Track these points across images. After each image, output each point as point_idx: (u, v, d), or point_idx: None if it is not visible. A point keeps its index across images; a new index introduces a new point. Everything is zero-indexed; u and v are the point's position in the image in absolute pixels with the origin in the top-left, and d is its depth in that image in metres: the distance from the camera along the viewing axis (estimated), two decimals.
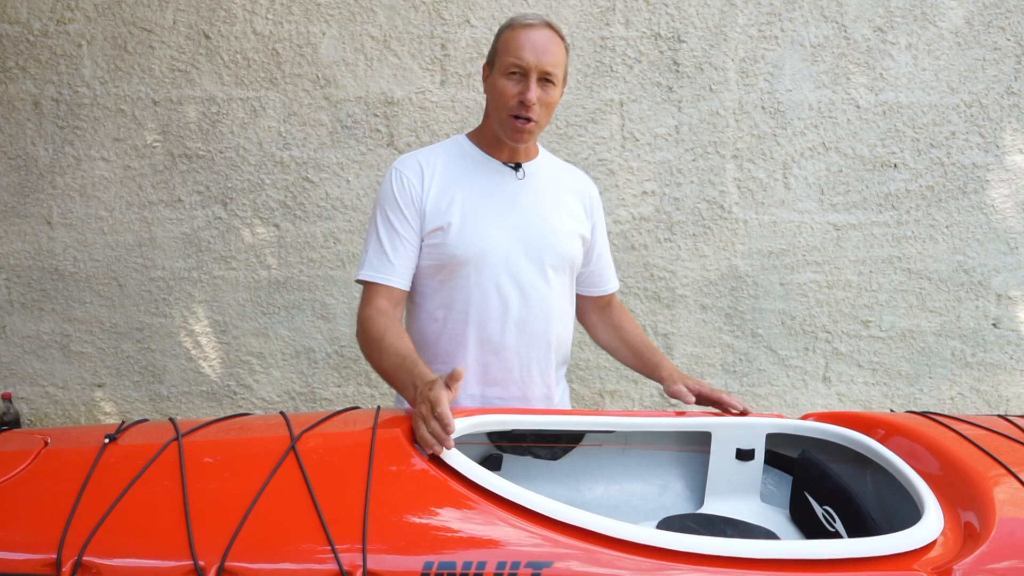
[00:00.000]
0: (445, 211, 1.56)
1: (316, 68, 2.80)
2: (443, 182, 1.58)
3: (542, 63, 1.50)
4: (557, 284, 1.64)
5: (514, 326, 1.60)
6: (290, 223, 2.89)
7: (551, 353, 1.66)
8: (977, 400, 3.09)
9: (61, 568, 1.02)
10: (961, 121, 2.91)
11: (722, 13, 2.82)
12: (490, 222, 1.57)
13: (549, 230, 1.61)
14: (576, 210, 1.69)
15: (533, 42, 1.50)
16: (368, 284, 1.58)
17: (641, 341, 1.81)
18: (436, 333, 1.63)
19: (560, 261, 1.64)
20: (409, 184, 1.57)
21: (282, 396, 3.01)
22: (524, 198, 1.61)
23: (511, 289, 1.58)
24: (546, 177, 1.67)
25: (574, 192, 1.71)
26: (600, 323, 1.86)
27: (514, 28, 1.52)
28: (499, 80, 1.53)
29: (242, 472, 1.19)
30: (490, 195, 1.59)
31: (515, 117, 1.53)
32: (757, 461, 1.55)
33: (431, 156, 1.62)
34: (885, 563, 1.09)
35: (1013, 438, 1.39)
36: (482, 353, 1.61)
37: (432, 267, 1.60)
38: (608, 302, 1.87)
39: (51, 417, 2.99)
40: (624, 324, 1.84)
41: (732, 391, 3.05)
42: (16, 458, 1.22)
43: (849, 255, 2.98)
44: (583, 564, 1.06)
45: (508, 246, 1.58)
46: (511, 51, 1.51)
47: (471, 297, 1.58)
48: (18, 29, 2.75)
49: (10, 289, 2.91)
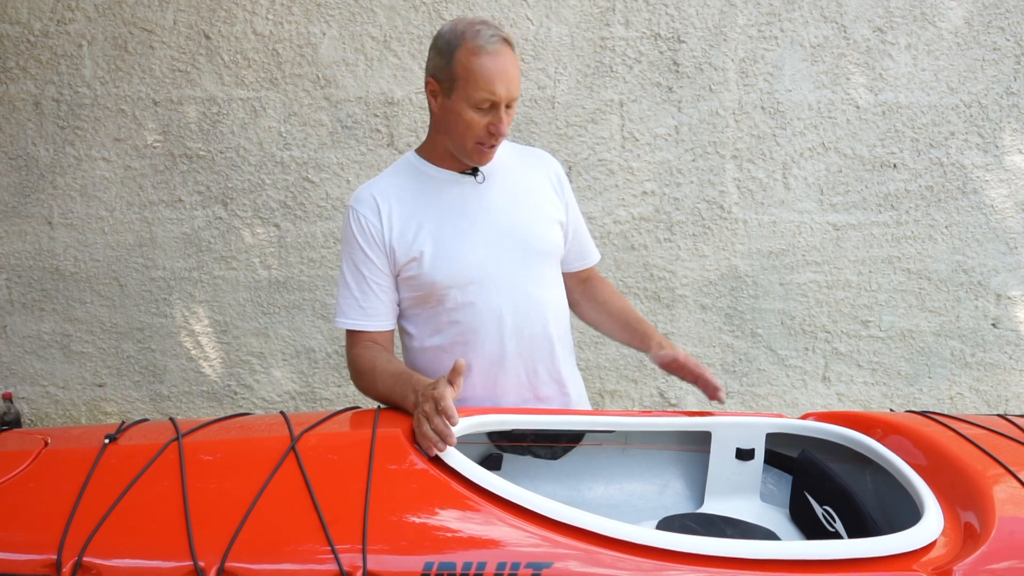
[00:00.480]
0: (413, 242, 1.50)
1: (316, 68, 2.80)
2: (403, 212, 1.52)
3: (512, 92, 1.44)
4: (545, 279, 1.61)
5: (512, 335, 1.55)
6: (290, 223, 2.89)
7: (555, 349, 1.62)
8: (977, 400, 3.09)
9: (61, 568, 1.02)
10: (960, 121, 2.91)
11: (722, 13, 2.82)
12: (462, 240, 1.51)
13: (524, 228, 1.56)
14: (546, 195, 1.63)
15: (502, 71, 1.41)
16: (347, 332, 1.55)
17: (628, 312, 1.75)
18: (435, 362, 1.57)
19: (543, 256, 1.59)
20: (368, 223, 1.51)
21: (282, 396, 3.01)
22: (489, 203, 1.55)
23: (500, 301, 1.53)
24: (507, 172, 1.59)
25: (539, 177, 1.64)
26: (583, 299, 1.80)
27: (477, 54, 1.40)
28: (465, 112, 1.44)
29: (242, 472, 1.19)
30: (454, 212, 1.53)
31: (480, 143, 1.47)
32: (757, 461, 1.55)
33: (385, 186, 1.55)
34: (885, 563, 1.09)
35: (1013, 438, 1.39)
36: (486, 369, 1.57)
37: (415, 298, 1.55)
38: (588, 275, 1.81)
39: (51, 417, 2.99)
40: (608, 297, 1.78)
41: (732, 391, 3.05)
42: (16, 458, 1.23)
43: (849, 255, 2.98)
44: (583, 564, 1.06)
45: (486, 259, 1.52)
46: (481, 84, 1.41)
47: (462, 319, 1.53)
48: (19, 29, 2.75)
49: (11, 289, 2.91)
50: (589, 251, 1.79)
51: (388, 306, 1.55)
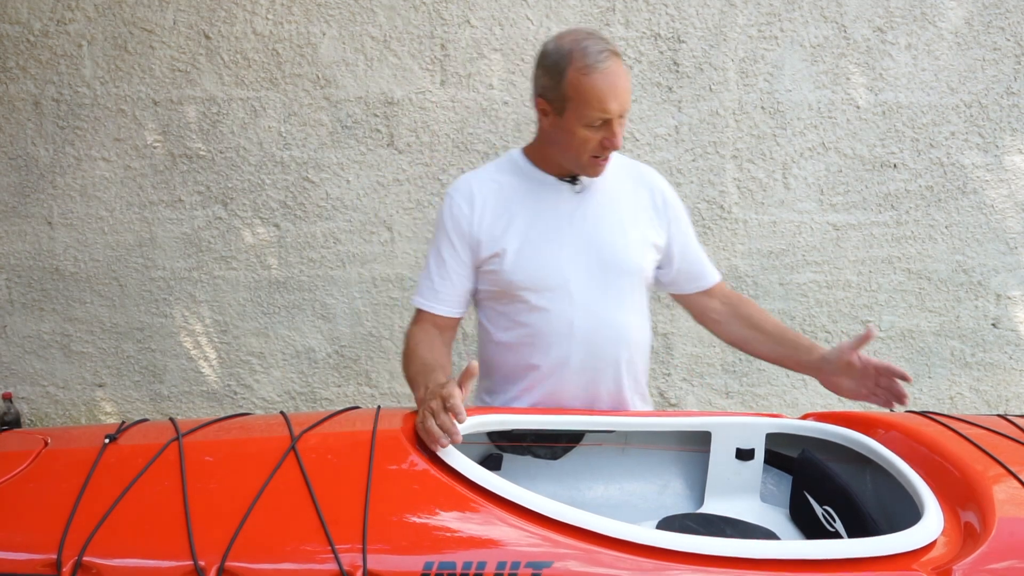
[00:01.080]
0: (500, 237, 1.53)
1: (316, 68, 2.80)
2: (497, 206, 1.54)
3: (624, 106, 1.42)
4: (625, 300, 1.58)
5: (578, 349, 1.55)
6: (290, 223, 2.89)
7: (620, 373, 1.59)
8: (977, 400, 3.10)
9: (61, 569, 1.02)
10: (960, 121, 2.91)
11: (722, 13, 2.82)
12: (547, 245, 1.52)
13: (611, 245, 1.55)
14: (644, 216, 1.60)
15: (613, 87, 1.39)
16: (417, 308, 1.59)
17: (783, 327, 1.66)
18: (502, 356, 1.61)
19: (625, 276, 1.57)
20: (460, 213, 1.54)
21: (282, 396, 3.01)
22: (583, 214, 1.55)
23: (573, 313, 1.53)
24: (607, 186, 1.58)
25: (641, 194, 1.62)
26: (725, 318, 1.71)
27: (588, 74, 1.38)
28: (578, 131, 1.43)
29: (242, 472, 1.19)
30: (546, 216, 1.54)
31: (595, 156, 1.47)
32: (757, 461, 1.55)
33: (485, 179, 1.58)
34: (885, 563, 1.09)
35: (1013, 438, 1.38)
36: (548, 375, 1.57)
37: (493, 293, 1.57)
38: (718, 294, 1.73)
39: (51, 417, 2.99)
40: (753, 312, 1.69)
41: (732, 391, 3.06)
42: (16, 458, 1.23)
43: (849, 255, 2.98)
44: (583, 564, 1.06)
45: (566, 268, 1.53)
46: (593, 104, 1.39)
47: (533, 322, 1.54)
48: (18, 29, 2.75)
49: (11, 289, 2.91)
50: (703, 273, 1.72)
51: (460, 295, 1.58)
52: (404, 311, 2.94)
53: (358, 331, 2.96)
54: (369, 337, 2.96)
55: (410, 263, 2.92)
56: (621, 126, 1.45)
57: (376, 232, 2.90)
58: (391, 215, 2.89)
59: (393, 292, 2.94)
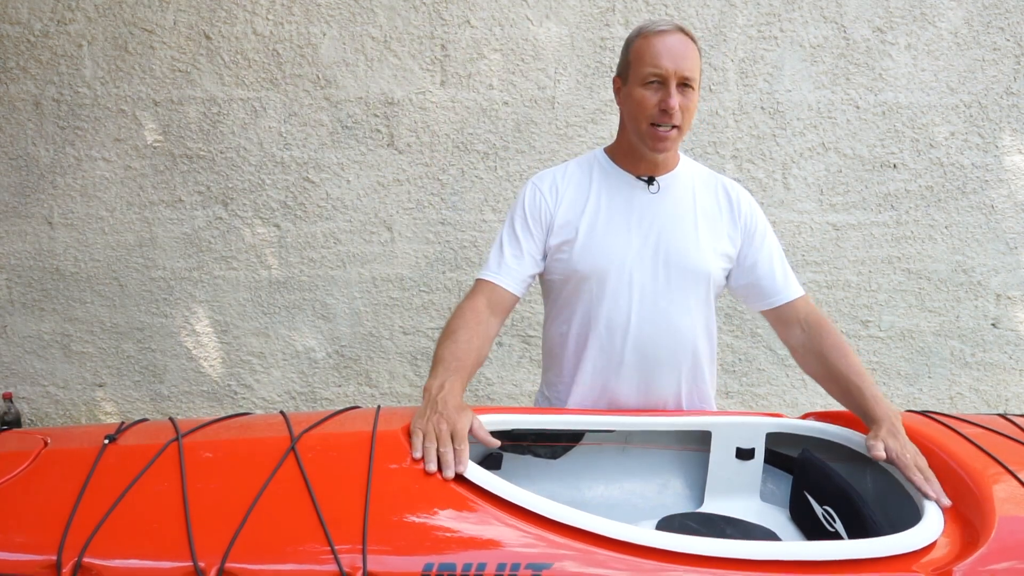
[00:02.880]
0: (572, 224, 1.57)
1: (316, 68, 2.80)
2: (575, 197, 1.59)
3: (681, 68, 1.45)
4: (688, 305, 1.57)
5: (633, 348, 1.56)
6: (290, 223, 2.89)
7: (679, 378, 1.60)
8: (976, 400, 3.09)
9: (61, 570, 1.02)
10: (960, 121, 2.91)
11: (721, 13, 2.82)
12: (614, 238, 1.55)
13: (679, 247, 1.55)
14: (718, 224, 1.60)
15: (670, 48, 1.45)
16: (477, 280, 1.59)
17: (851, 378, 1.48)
18: (561, 344, 1.64)
19: (689, 280, 1.56)
20: (542, 198, 1.59)
21: (282, 396, 3.01)
22: (654, 214, 1.57)
23: (631, 310, 1.55)
24: (684, 190, 1.60)
25: (718, 206, 1.62)
26: (799, 349, 1.61)
27: (646, 36, 1.48)
28: (636, 91, 1.49)
29: (242, 472, 1.19)
30: (618, 210, 1.57)
31: (655, 125, 1.49)
32: (757, 460, 1.55)
33: (566, 172, 1.63)
34: (885, 564, 1.09)
35: (1013, 438, 1.39)
36: (601, 370, 1.59)
37: (559, 280, 1.61)
38: (798, 319, 1.61)
39: (51, 417, 2.99)
40: (827, 352, 1.53)
41: (732, 391, 3.05)
42: (16, 458, 1.22)
43: (848, 255, 2.98)
44: (583, 565, 1.06)
45: (632, 262, 1.55)
46: (647, 60, 1.46)
47: (593, 311, 1.57)
48: (19, 29, 2.75)
49: (11, 289, 2.91)
50: (775, 291, 1.63)
51: (524, 274, 1.59)
52: (404, 311, 2.95)
53: (358, 331, 2.96)
54: (369, 337, 2.96)
55: (410, 263, 2.92)
56: (686, 97, 1.48)
57: (376, 232, 2.90)
58: (391, 215, 2.89)
59: (393, 292, 2.94)
